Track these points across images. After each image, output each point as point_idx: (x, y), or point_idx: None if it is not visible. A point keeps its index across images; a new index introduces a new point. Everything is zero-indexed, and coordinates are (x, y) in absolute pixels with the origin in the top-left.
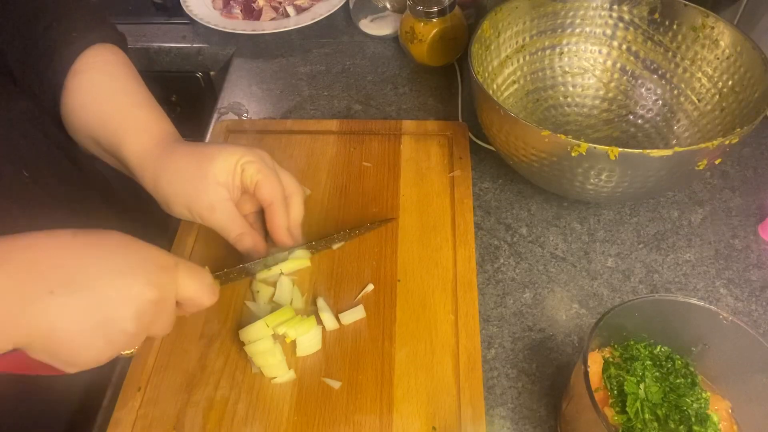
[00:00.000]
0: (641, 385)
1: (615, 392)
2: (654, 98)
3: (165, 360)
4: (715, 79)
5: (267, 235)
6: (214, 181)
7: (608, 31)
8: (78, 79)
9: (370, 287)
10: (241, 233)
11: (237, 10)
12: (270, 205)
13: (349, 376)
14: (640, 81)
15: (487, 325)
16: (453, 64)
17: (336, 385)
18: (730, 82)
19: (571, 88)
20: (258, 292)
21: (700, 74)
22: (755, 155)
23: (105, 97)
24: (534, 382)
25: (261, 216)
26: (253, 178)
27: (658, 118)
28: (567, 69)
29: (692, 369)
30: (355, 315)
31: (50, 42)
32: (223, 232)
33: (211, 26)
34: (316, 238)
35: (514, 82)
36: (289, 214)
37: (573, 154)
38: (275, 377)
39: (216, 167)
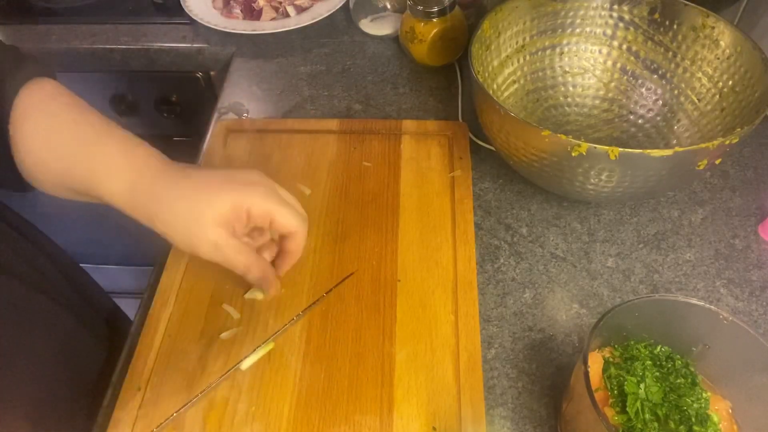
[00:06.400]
0: (641, 385)
1: (615, 392)
2: (654, 98)
3: (165, 360)
4: (716, 79)
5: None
6: (213, 224)
7: (608, 31)
8: (23, 128)
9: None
10: (247, 266)
11: (237, 10)
12: (288, 235)
13: (349, 376)
14: (640, 81)
15: (487, 325)
16: (453, 64)
17: None
18: (730, 82)
19: (571, 88)
20: None
21: (700, 74)
22: (755, 155)
23: (62, 139)
24: (534, 382)
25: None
26: (264, 218)
27: (659, 118)
28: (567, 69)
29: (692, 369)
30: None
31: None
32: (229, 267)
33: (211, 26)
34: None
35: (514, 82)
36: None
37: (573, 154)
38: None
39: (214, 212)
